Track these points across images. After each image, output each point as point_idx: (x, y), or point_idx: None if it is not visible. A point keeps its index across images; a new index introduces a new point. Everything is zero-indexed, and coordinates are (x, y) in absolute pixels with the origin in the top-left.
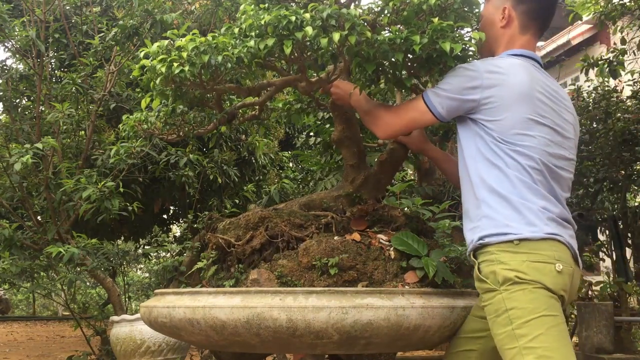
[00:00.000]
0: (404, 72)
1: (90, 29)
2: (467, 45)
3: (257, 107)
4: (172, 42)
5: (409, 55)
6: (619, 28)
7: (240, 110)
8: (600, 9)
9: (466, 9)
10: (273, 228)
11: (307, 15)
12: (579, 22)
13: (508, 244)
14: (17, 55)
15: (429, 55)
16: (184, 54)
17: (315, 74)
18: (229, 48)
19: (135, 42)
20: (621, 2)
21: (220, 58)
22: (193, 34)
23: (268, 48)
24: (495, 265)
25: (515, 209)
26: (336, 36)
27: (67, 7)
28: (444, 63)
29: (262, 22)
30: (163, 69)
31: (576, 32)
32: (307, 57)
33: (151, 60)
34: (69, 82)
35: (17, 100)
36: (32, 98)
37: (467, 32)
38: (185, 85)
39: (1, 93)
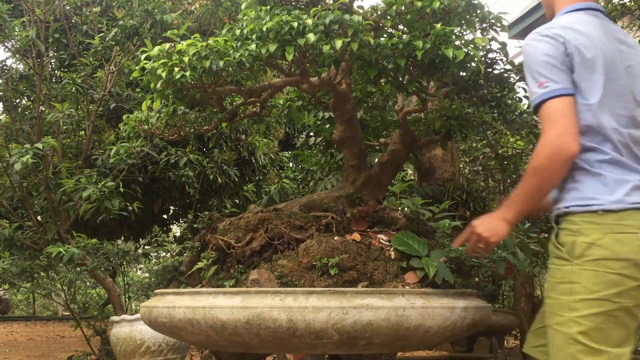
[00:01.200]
0: (406, 77)
1: (90, 29)
2: (470, 51)
3: (258, 104)
4: (172, 45)
5: (410, 59)
6: None
7: (240, 108)
8: None
9: (471, 11)
10: (273, 230)
11: (310, 22)
12: None
13: (592, 214)
14: (17, 55)
15: (431, 60)
16: (185, 59)
17: (316, 75)
18: (230, 52)
19: (135, 42)
20: (621, 2)
21: (221, 63)
22: (194, 37)
23: (269, 53)
24: (576, 236)
25: (600, 181)
26: (338, 43)
27: (67, 7)
28: (446, 68)
29: (264, 28)
30: (164, 74)
31: None
32: (309, 60)
33: (152, 63)
34: (69, 82)
35: (17, 100)
36: (32, 98)
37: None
38: (186, 88)
39: (1, 93)
